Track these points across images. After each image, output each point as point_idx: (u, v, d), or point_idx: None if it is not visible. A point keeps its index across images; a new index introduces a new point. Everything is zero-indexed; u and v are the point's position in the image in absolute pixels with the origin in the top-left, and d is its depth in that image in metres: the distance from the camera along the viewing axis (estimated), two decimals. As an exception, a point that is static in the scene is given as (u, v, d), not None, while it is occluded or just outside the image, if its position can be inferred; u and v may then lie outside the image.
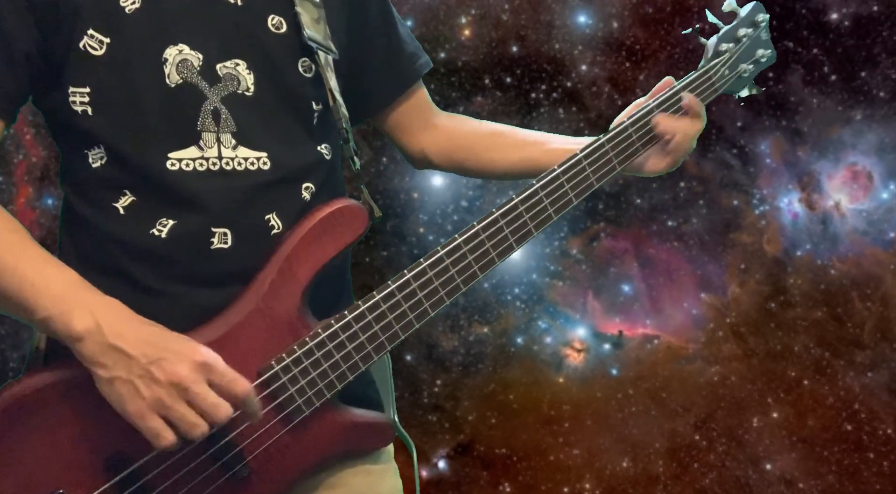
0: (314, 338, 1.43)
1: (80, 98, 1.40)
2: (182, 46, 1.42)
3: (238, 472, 1.40)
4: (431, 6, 4.70)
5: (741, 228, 5.25)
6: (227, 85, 1.45)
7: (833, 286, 5.21)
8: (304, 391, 1.43)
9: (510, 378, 5.18)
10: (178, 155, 1.41)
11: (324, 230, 1.46)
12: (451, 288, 1.51)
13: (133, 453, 1.35)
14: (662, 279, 5.29)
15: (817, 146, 5.18)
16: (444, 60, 4.81)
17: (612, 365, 5.27)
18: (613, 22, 5.05)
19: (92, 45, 1.39)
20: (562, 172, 1.59)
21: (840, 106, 5.12)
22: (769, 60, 1.81)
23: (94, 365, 1.29)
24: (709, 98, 1.73)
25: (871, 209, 5.24)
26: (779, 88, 5.13)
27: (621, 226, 5.24)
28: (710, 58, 1.74)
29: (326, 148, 1.57)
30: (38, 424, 1.32)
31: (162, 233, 1.41)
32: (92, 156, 1.42)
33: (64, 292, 1.31)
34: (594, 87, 5.05)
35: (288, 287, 1.44)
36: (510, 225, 1.54)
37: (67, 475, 1.33)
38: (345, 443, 1.50)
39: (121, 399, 1.28)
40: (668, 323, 5.29)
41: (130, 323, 1.32)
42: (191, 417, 1.29)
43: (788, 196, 5.25)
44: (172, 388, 1.28)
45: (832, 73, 5.11)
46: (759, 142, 5.19)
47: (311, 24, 1.53)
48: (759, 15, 1.78)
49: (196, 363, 1.30)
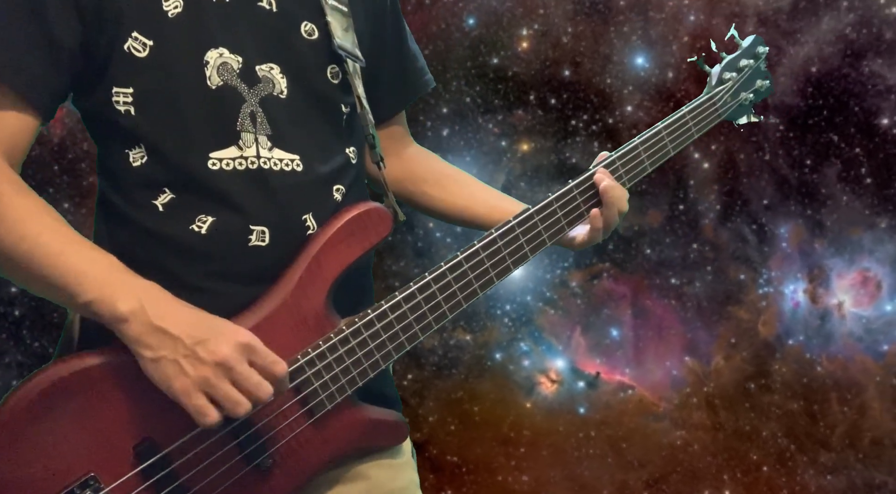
0: (338, 335, 1.48)
1: (124, 98, 1.43)
2: (222, 50, 1.46)
3: (261, 463, 1.44)
4: (496, 10, 4.74)
5: (741, 303, 5.26)
6: (265, 86, 1.49)
7: (815, 382, 5.21)
8: (327, 386, 1.47)
9: (480, 390, 5.20)
10: (219, 154, 1.45)
11: (351, 231, 1.51)
12: (469, 293, 1.58)
13: (162, 440, 1.38)
14: (652, 333, 5.30)
15: (835, 243, 5.19)
16: (495, 66, 4.84)
17: (582, 404, 5.28)
18: (669, 71, 5.08)
19: (136, 48, 1.42)
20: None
21: (868, 209, 5.14)
22: (767, 90, 1.93)
23: (139, 345, 1.32)
24: (713, 122, 1.85)
25: (873, 317, 5.24)
26: (812, 177, 5.15)
27: (625, 271, 5.26)
28: (713, 85, 1.86)
29: (353, 151, 1.62)
30: (69, 409, 1.34)
31: (202, 230, 1.44)
32: (133, 155, 1.45)
33: (108, 276, 1.34)
34: (634, 130, 5.08)
35: (315, 284, 1.48)
36: (525, 234, 1.62)
37: (98, 459, 1.35)
38: (362, 440, 1.54)
39: (167, 378, 1.31)
40: (647, 377, 5.30)
41: (173, 305, 1.35)
42: (235, 395, 1.32)
43: (795, 284, 5.27)
44: (218, 368, 1.31)
45: (868, 176, 5.13)
46: (781, 224, 5.21)
47: (340, 33, 1.58)
48: (759, 47, 1.90)
49: (239, 343, 1.33)
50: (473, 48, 4.82)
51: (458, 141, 4.66)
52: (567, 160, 5.11)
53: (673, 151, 1.78)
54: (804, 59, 5.05)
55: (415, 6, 4.63)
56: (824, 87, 5.08)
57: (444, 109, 4.78)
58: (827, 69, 5.05)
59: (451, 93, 4.77)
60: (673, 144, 1.78)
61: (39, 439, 1.33)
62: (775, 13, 5.03)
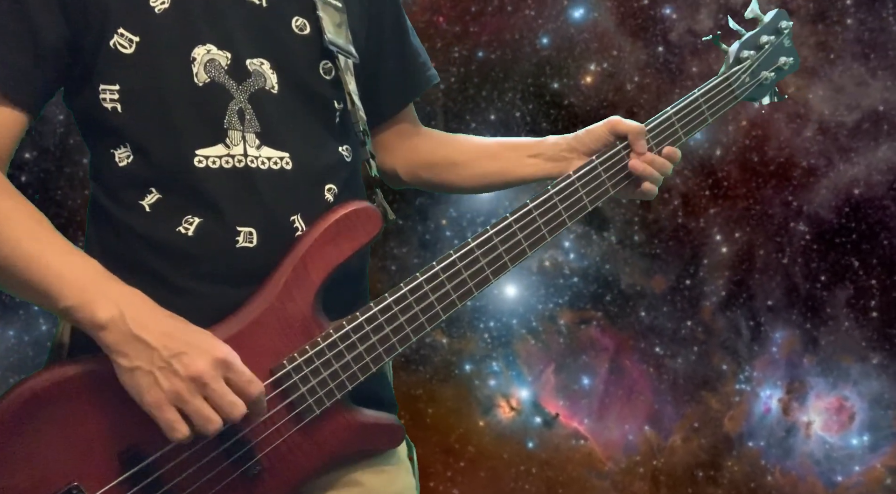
0: (326, 339, 1.45)
1: (110, 95, 1.42)
2: (210, 46, 1.45)
3: (249, 469, 1.42)
4: (572, 38, 4.78)
5: (715, 392, 5.27)
6: (255, 81, 1.48)
7: (762, 490, 5.21)
8: (314, 391, 1.45)
9: (440, 394, 5.21)
10: (206, 152, 1.43)
11: (338, 231, 1.48)
12: (463, 293, 1.54)
13: (147, 447, 1.37)
14: (622, 392, 5.31)
15: (824, 363, 5.20)
16: (553, 90, 4.86)
17: (533, 439, 5.30)
18: (718, 149, 5.11)
19: (122, 44, 1.41)
20: (577, 178, 1.64)
21: (865, 341, 5.15)
22: (792, 68, 1.82)
23: (116, 354, 1.30)
24: (729, 105, 1.75)
25: (837, 446, 5.24)
26: (822, 294, 5.17)
27: (615, 326, 5.28)
28: (730, 64, 1.76)
29: (347, 150, 1.59)
30: (55, 417, 1.33)
31: (189, 232, 1.43)
32: (118, 154, 1.44)
33: (88, 281, 1.32)
34: (666, 194, 5.11)
35: (302, 287, 1.46)
36: (523, 230, 1.59)
37: (83, 468, 1.34)
38: (354, 444, 1.52)
39: (140, 389, 1.30)
40: (603, 433, 5.31)
41: (153, 315, 1.33)
42: (206, 412, 1.30)
43: (772, 390, 5.27)
44: (192, 383, 1.30)
45: (876, 310, 5.14)
46: (778, 329, 5.22)
47: (332, 28, 1.56)
48: (782, 22, 1.79)
49: (216, 359, 1.31)
50: (539, 67, 4.85)
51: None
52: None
53: (684, 137, 1.71)
54: (851, 178, 5.07)
55: (496, 9, 4.67)
56: (861, 212, 5.10)
57: (492, 116, 4.82)
58: (870, 195, 5.07)
59: (503, 103, 4.80)
60: (684, 130, 1.71)
61: (23, 448, 1.32)
62: (837, 126, 5.06)
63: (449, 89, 4.77)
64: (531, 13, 4.80)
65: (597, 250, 5.21)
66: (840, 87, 5.03)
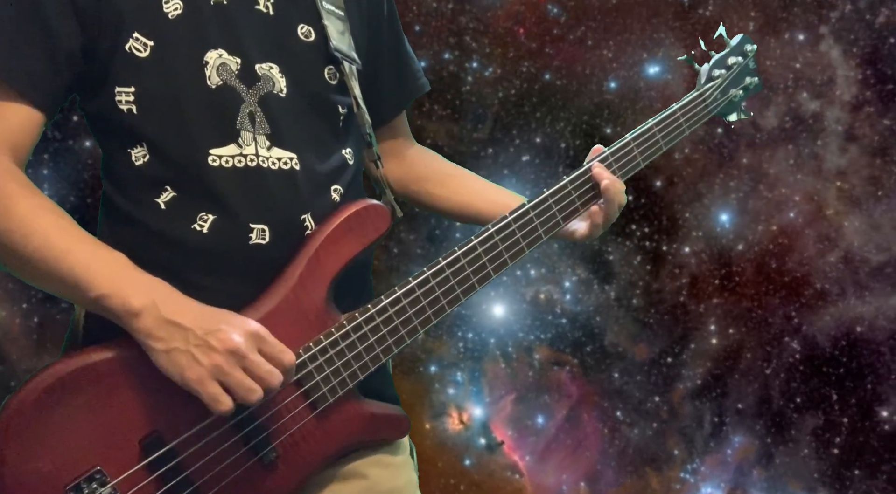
0: (339, 330, 1.52)
1: (126, 97, 1.47)
2: (221, 51, 1.50)
3: (266, 455, 1.47)
4: (638, 91, 4.80)
5: (660, 473, 5.28)
6: (265, 84, 1.53)
7: None
8: (329, 379, 1.51)
9: (398, 386, 5.16)
10: (219, 151, 1.48)
11: (350, 227, 1.56)
12: (468, 287, 1.61)
13: (168, 433, 1.41)
14: (570, 443, 5.32)
15: (772, 481, 5.19)
16: (605, 134, 4.89)
17: (471, 458, 5.31)
18: (741, 244, 5.12)
19: (137, 48, 1.46)
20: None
21: (818, 474, 5.15)
22: (756, 87, 1.98)
23: (150, 338, 1.36)
24: (703, 119, 1.90)
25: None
26: (792, 415, 5.17)
27: (585, 377, 5.29)
28: (703, 82, 1.91)
29: (350, 153, 1.65)
30: (76, 404, 1.37)
31: (203, 229, 1.48)
32: (135, 154, 1.49)
33: (118, 272, 1.38)
34: (677, 270, 5.13)
35: (315, 280, 1.52)
36: (522, 229, 1.66)
37: (104, 453, 1.38)
38: (364, 433, 1.58)
39: (180, 368, 1.35)
40: (540, 475, 5.32)
41: (183, 300, 1.40)
42: (248, 383, 1.35)
43: (714, 490, 5.28)
44: (230, 356, 1.35)
45: (838, 448, 5.14)
46: (738, 433, 5.23)
47: (337, 35, 1.63)
48: (747, 45, 1.96)
49: (249, 332, 1.37)
50: (598, 107, 4.88)
51: (529, 173, 4.73)
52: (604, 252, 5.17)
53: (665, 147, 1.82)
54: (857, 314, 5.08)
55: (577, 39, 4.70)
56: (856, 349, 5.10)
57: (537, 139, 4.85)
58: (870, 337, 5.08)
59: (553, 130, 4.84)
60: (665, 140, 1.82)
61: (46, 433, 1.35)
62: (862, 261, 5.07)
63: (506, 99, 4.81)
64: (609, 54, 4.84)
65: (593, 300, 5.23)
66: (878, 226, 5.04)
